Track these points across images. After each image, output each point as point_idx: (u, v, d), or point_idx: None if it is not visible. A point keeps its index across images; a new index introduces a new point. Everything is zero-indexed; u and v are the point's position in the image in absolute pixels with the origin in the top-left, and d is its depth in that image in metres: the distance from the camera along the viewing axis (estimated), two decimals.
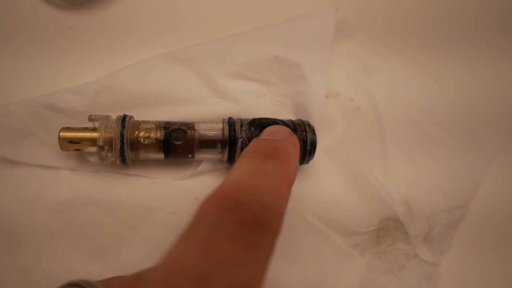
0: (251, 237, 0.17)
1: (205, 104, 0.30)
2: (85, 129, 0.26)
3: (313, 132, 0.28)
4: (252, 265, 0.16)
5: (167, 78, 0.30)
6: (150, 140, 0.26)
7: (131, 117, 0.27)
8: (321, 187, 0.29)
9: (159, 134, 0.27)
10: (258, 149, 0.23)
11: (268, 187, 0.19)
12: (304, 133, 0.27)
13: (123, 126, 0.26)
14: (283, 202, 0.20)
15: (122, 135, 0.26)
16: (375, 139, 0.31)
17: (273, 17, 0.33)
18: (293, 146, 0.24)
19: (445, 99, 0.34)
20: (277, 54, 0.31)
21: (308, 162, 0.28)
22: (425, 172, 0.31)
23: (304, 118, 0.29)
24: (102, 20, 0.33)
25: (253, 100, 0.31)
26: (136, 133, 0.26)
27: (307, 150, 0.27)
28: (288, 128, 0.26)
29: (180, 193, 0.28)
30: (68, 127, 0.26)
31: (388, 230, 0.29)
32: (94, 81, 0.29)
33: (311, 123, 0.29)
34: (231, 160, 0.27)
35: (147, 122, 0.27)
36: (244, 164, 0.21)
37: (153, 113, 0.29)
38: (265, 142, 0.24)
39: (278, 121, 0.28)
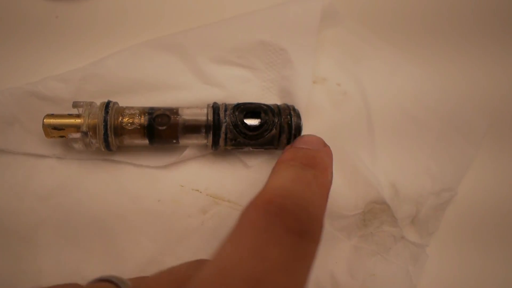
0: (298, 245, 0.17)
1: (191, 90, 0.30)
2: (69, 116, 0.26)
3: (298, 116, 0.28)
4: (299, 274, 0.17)
5: (153, 64, 0.30)
6: (134, 125, 0.27)
7: (115, 103, 0.27)
8: None
9: (143, 120, 0.27)
10: (297, 158, 0.23)
11: (310, 196, 0.20)
12: (288, 117, 0.27)
13: (106, 112, 0.26)
14: (323, 212, 0.20)
15: (105, 121, 0.26)
16: (362, 124, 0.31)
17: (260, 3, 0.33)
18: (328, 156, 0.24)
19: (434, 84, 0.34)
20: (262, 39, 0.31)
21: None
22: (413, 156, 0.31)
23: (290, 103, 0.29)
24: (88, 8, 0.33)
25: (239, 86, 0.31)
26: (120, 118, 0.26)
27: (292, 134, 0.28)
28: (321, 139, 0.26)
29: (165, 180, 0.28)
30: (53, 114, 0.26)
31: (375, 213, 0.29)
32: (80, 68, 0.29)
33: (296, 107, 0.29)
34: (215, 144, 0.27)
35: (132, 108, 0.27)
36: (286, 171, 0.21)
37: (139, 100, 0.29)
38: (302, 151, 0.24)
39: (263, 106, 0.28)
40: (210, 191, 0.28)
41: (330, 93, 0.32)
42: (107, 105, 0.26)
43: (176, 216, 0.27)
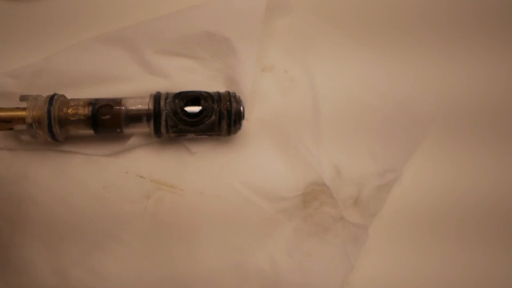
0: None
1: (138, 82, 0.31)
2: (16, 109, 0.28)
3: (237, 102, 0.29)
4: None
5: (101, 58, 0.31)
6: (78, 116, 0.28)
7: (61, 95, 0.28)
8: (250, 157, 0.30)
9: (87, 111, 0.28)
10: None
11: None
12: (228, 103, 0.28)
13: (50, 104, 0.27)
14: None
15: (49, 113, 0.27)
16: (308, 109, 0.32)
17: None
18: None
19: (383, 69, 0.34)
20: (207, 30, 0.32)
21: (235, 132, 0.29)
22: (358, 138, 0.31)
23: (235, 91, 0.30)
24: (43, 7, 0.34)
25: (185, 76, 0.32)
26: (65, 110, 0.28)
27: (232, 119, 0.28)
28: None
29: (111, 167, 0.29)
30: (1, 108, 0.28)
31: (315, 194, 0.29)
32: (31, 64, 0.30)
33: (240, 94, 0.30)
34: (157, 132, 0.28)
35: (77, 99, 0.28)
36: None
37: (88, 93, 0.30)
38: None
39: (203, 93, 0.29)
40: (154, 177, 0.29)
41: (277, 80, 0.32)
42: (51, 98, 0.28)
43: (120, 202, 0.28)
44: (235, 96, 0.29)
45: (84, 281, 0.27)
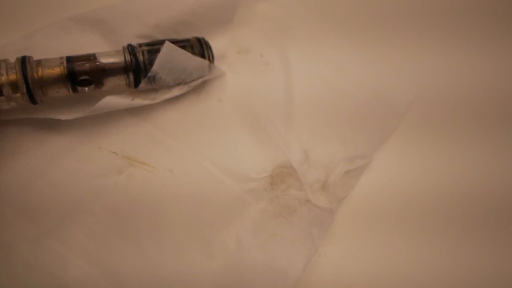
0: None
1: None
2: None
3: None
4: None
5: (78, 38, 0.32)
6: (54, 75, 0.27)
7: (30, 56, 0.27)
8: (221, 137, 0.31)
9: (63, 68, 0.27)
10: None
11: None
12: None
13: (23, 65, 0.26)
14: None
15: (24, 75, 0.26)
16: (281, 93, 0.32)
17: None
18: None
19: (359, 55, 0.35)
20: (183, 17, 0.32)
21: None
22: (328, 123, 0.32)
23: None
24: None
25: None
26: (40, 70, 0.27)
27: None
28: None
29: (85, 143, 0.30)
30: None
31: (282, 176, 0.30)
32: (10, 43, 0.31)
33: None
34: (136, 84, 0.29)
35: (48, 59, 0.28)
36: None
37: None
38: None
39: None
40: (126, 153, 0.30)
41: (252, 64, 0.33)
42: (23, 59, 0.27)
43: (93, 176, 0.29)
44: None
45: (55, 250, 0.28)
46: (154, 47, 0.29)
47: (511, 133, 0.34)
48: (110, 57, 0.29)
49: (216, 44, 0.31)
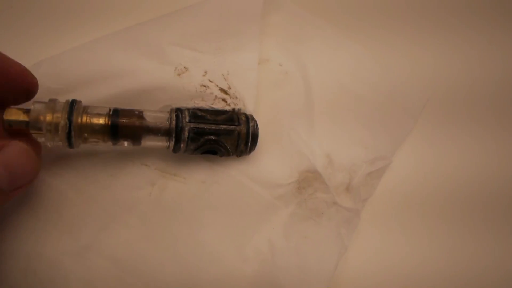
0: None
1: (146, 73, 0.31)
2: (28, 112, 0.25)
3: (255, 125, 0.29)
4: None
5: (107, 56, 0.32)
6: (97, 126, 0.26)
7: (78, 101, 0.27)
8: None
9: (107, 120, 0.27)
10: None
11: None
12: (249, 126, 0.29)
13: (70, 111, 0.26)
14: None
15: (69, 120, 0.26)
16: (301, 100, 0.33)
17: None
18: None
19: (374, 60, 0.36)
20: (211, 28, 0.33)
21: (248, 154, 0.30)
22: (348, 127, 0.33)
23: (238, 85, 0.31)
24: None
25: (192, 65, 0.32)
26: (85, 118, 0.26)
27: (249, 142, 0.29)
28: None
29: (116, 157, 0.31)
30: (14, 110, 0.25)
31: (309, 181, 0.31)
32: (38, 63, 0.32)
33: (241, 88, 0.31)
34: (176, 150, 0.29)
35: (94, 107, 0.27)
36: None
37: (97, 89, 0.31)
38: None
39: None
40: (157, 165, 0.31)
41: (272, 73, 0.34)
42: (71, 104, 0.26)
43: (126, 188, 0.30)
44: (253, 119, 0.29)
45: (95, 263, 0.29)
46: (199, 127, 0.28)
47: None
48: (156, 118, 0.28)
49: (245, 54, 0.32)
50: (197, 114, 0.29)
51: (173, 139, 0.28)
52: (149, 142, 0.28)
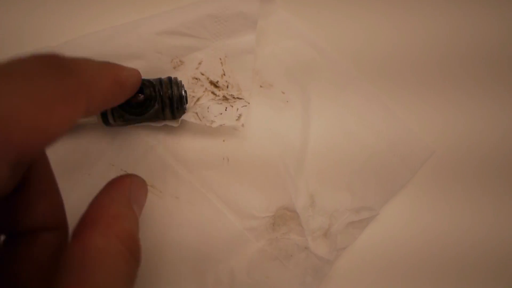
0: None
1: (143, 59, 0.31)
2: None
3: (178, 87, 0.29)
4: None
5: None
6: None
7: None
8: (230, 169, 0.31)
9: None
10: None
11: None
12: (169, 91, 0.28)
13: None
14: None
15: None
16: (297, 133, 0.32)
17: None
18: None
19: (380, 102, 0.34)
20: (209, 12, 0.32)
21: (180, 116, 0.30)
22: (339, 170, 0.31)
23: (235, 67, 0.31)
24: None
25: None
26: None
27: (175, 106, 0.29)
28: None
29: (98, 158, 0.31)
30: None
31: (285, 219, 0.30)
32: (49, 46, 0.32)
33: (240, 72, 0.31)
34: (105, 122, 0.29)
35: None
36: None
37: None
38: None
39: (145, 82, 0.28)
40: (137, 173, 0.31)
41: (273, 99, 0.33)
42: None
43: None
44: (177, 82, 0.29)
45: None
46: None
47: None
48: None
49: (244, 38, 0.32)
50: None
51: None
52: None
